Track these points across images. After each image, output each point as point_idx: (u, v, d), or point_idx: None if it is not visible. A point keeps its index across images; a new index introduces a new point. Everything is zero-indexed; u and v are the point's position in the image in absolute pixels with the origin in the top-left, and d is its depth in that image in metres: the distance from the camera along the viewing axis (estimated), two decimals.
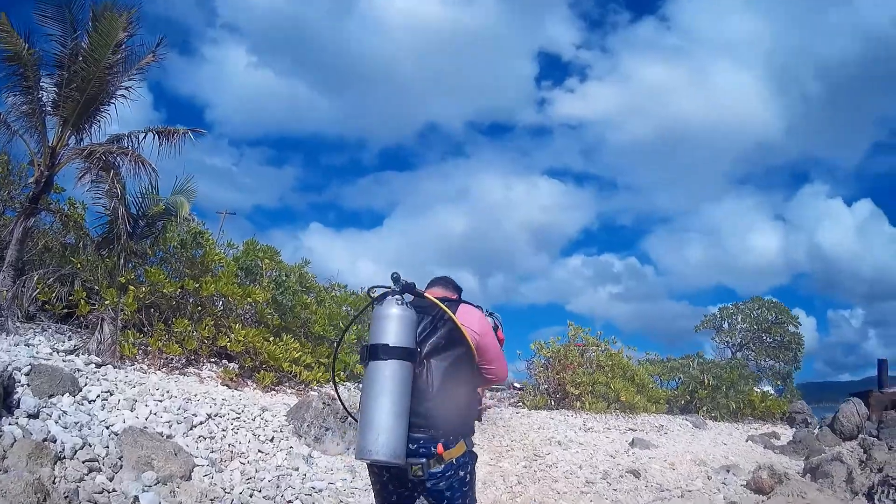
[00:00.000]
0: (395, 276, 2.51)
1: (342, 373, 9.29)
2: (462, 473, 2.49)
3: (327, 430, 6.76)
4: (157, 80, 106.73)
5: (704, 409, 14.14)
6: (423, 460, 2.39)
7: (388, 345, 2.38)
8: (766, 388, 16.84)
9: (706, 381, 14.36)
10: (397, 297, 2.48)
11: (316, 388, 8.59)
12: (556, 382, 11.91)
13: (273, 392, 8.06)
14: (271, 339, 8.60)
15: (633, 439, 9.66)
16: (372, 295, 2.61)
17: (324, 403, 6.99)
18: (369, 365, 2.41)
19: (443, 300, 2.53)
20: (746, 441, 12.04)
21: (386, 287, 2.55)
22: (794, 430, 14.49)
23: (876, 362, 18.45)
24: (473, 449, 2.58)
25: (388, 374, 2.36)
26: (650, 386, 13.01)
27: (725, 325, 19.57)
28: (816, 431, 14.02)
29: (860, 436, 14.00)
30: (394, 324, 2.42)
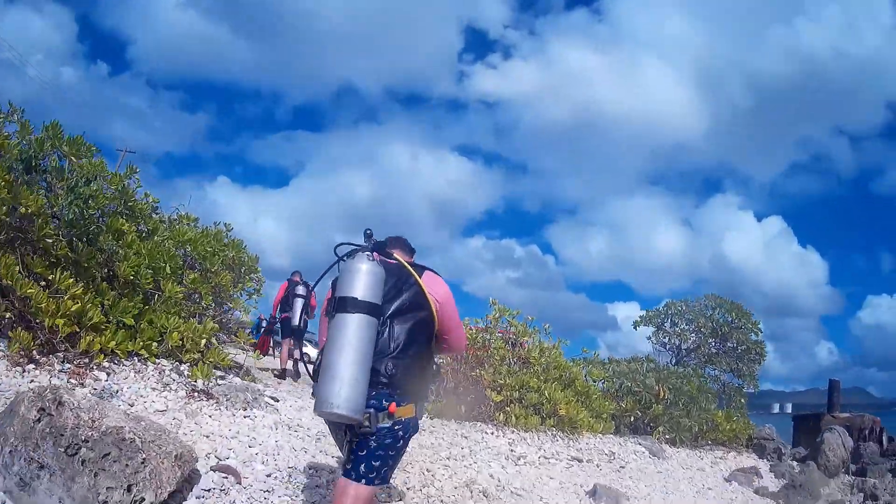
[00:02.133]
0: (367, 232, 2.59)
1: (155, 343, 5.44)
2: (403, 434, 2.53)
3: (42, 467, 3.17)
4: (84, 10, 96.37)
5: (660, 429, 10.64)
6: (371, 411, 2.41)
7: (356, 298, 2.41)
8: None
9: (661, 393, 10.87)
10: (367, 253, 2.52)
11: (108, 365, 4.91)
12: (469, 382, 7.96)
13: (29, 368, 4.42)
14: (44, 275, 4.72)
15: (593, 487, 5.84)
16: (337, 252, 2.61)
17: (42, 412, 3.27)
18: (336, 317, 2.44)
19: (410, 263, 2.66)
20: (728, 482, 8.58)
21: (356, 245, 2.59)
22: (767, 461, 11.29)
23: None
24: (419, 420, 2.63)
25: (354, 326, 2.39)
26: (594, 396, 9.29)
27: (667, 325, 16.32)
28: (797, 467, 10.88)
29: (847, 476, 11.03)
30: (364, 278, 2.45)
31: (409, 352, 2.52)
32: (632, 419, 10.47)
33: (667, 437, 10.75)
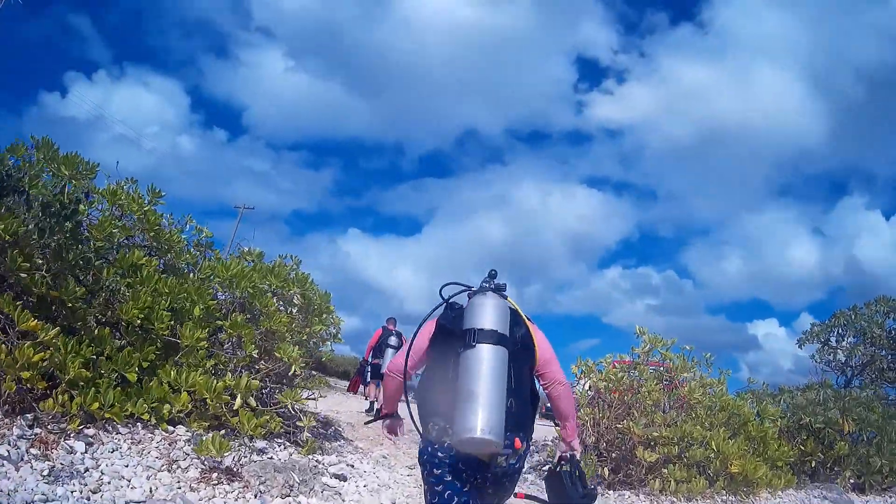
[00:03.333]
0: (492, 272, 2.71)
1: (169, 405, 4.58)
2: (521, 466, 2.65)
3: None
4: (194, 83, 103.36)
5: (847, 473, 8.55)
6: (509, 451, 2.48)
7: (495, 330, 2.47)
8: None
9: (846, 426, 8.75)
10: (495, 292, 2.60)
11: (93, 433, 3.91)
12: (614, 436, 6.40)
13: None
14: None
15: None
16: (443, 293, 2.69)
17: None
18: (476, 346, 2.45)
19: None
20: None
21: (460, 284, 2.70)
22: None
23: None
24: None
25: (493, 355, 2.44)
26: (771, 442, 7.41)
27: (833, 339, 13.76)
28: None
29: None
30: (498, 313, 2.52)
31: (524, 389, 2.63)
32: (812, 464, 8.47)
33: (851, 481, 8.65)
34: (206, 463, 4.05)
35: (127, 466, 3.71)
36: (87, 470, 3.52)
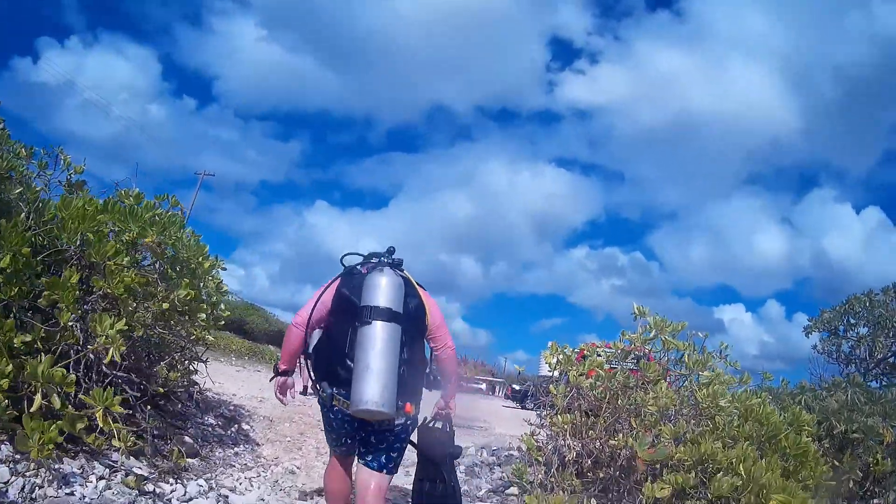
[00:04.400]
0: (391, 249, 2.92)
1: None
2: (411, 430, 3.00)
3: None
4: (167, 50, 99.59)
5: (892, 497, 6.79)
6: (402, 416, 2.83)
7: (389, 308, 2.72)
8: None
9: (887, 436, 6.95)
10: (391, 268, 2.86)
11: None
12: (605, 457, 4.46)
13: None
14: None
15: None
16: (344, 263, 2.98)
17: None
18: (371, 324, 2.69)
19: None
20: None
21: (359, 254, 2.97)
22: None
23: None
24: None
25: (386, 333, 2.69)
26: (811, 462, 5.52)
27: (841, 329, 12.05)
28: None
29: None
30: (393, 290, 2.76)
31: (415, 357, 2.89)
32: (850, 484, 6.64)
33: None
34: None
35: None
36: None
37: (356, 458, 3.04)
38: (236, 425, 6.96)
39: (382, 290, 2.75)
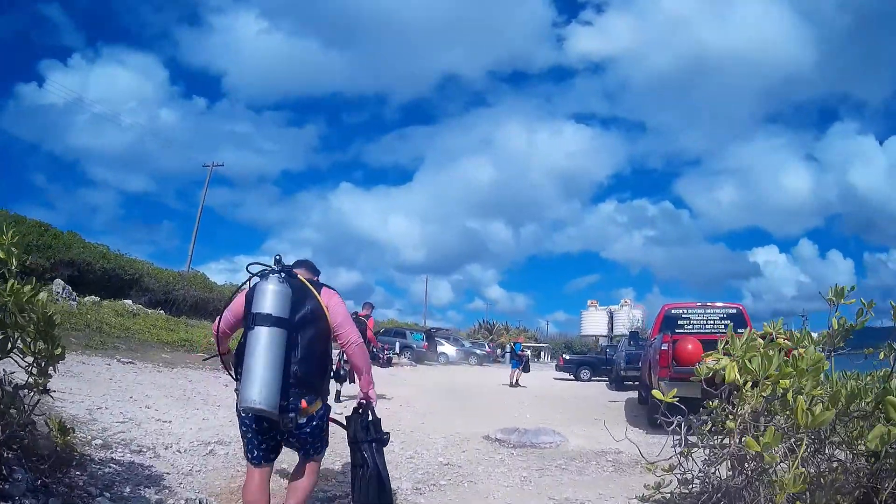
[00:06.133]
0: (277, 257, 3.12)
1: None
2: (320, 423, 3.16)
3: None
4: (170, 55, 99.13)
5: None
6: (293, 415, 2.97)
7: (270, 314, 2.94)
8: None
9: None
10: (278, 275, 3.06)
11: None
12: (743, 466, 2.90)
13: None
14: None
15: None
16: (250, 270, 3.15)
17: None
18: (254, 329, 2.94)
19: (309, 281, 3.19)
20: None
21: (265, 265, 3.14)
22: None
23: None
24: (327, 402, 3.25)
25: (268, 338, 2.91)
26: None
27: None
28: None
29: None
30: (276, 297, 2.98)
31: (312, 357, 3.07)
32: None
33: None
34: None
35: None
36: None
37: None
38: (145, 476, 4.36)
39: (267, 298, 2.96)
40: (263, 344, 2.87)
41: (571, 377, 25.10)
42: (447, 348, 34.10)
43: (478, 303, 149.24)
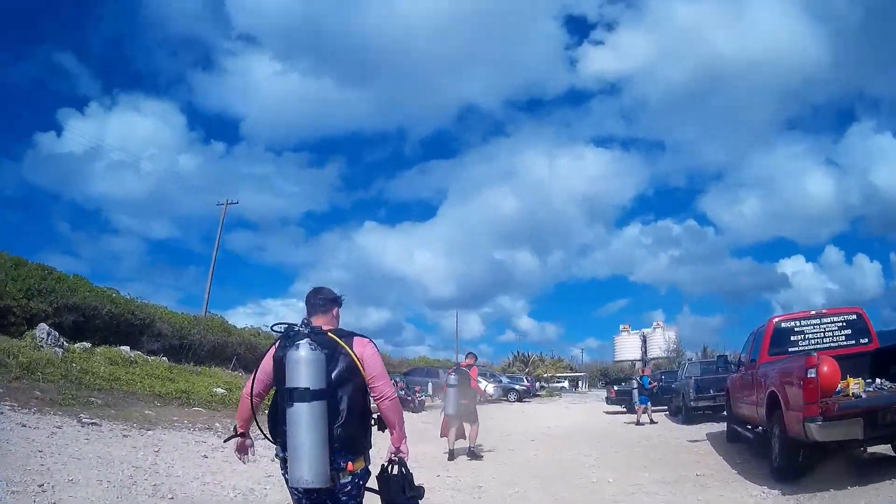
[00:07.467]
0: (305, 320, 3.00)
1: None
2: (360, 482, 3.00)
3: None
4: (187, 100, 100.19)
5: None
6: (334, 473, 2.86)
7: (308, 388, 2.79)
8: None
9: None
10: (307, 339, 2.87)
11: None
12: None
13: None
14: None
15: None
16: (276, 330, 3.04)
17: None
18: (294, 406, 2.79)
19: (338, 333, 3.01)
20: None
21: (290, 324, 3.00)
22: None
23: None
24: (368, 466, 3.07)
25: (309, 415, 2.78)
26: None
27: None
28: None
29: None
30: (311, 368, 2.82)
31: (353, 416, 2.92)
32: None
33: None
34: None
35: None
36: None
37: None
38: None
39: (302, 370, 2.84)
40: (306, 420, 2.79)
41: (624, 409, 22.41)
42: (484, 385, 31.64)
43: (509, 334, 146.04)
